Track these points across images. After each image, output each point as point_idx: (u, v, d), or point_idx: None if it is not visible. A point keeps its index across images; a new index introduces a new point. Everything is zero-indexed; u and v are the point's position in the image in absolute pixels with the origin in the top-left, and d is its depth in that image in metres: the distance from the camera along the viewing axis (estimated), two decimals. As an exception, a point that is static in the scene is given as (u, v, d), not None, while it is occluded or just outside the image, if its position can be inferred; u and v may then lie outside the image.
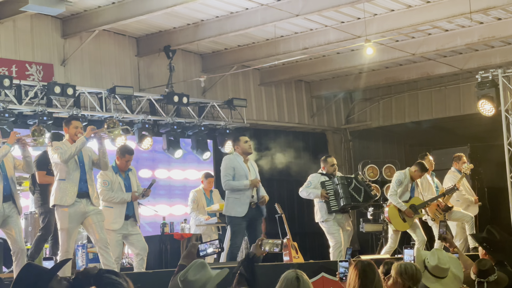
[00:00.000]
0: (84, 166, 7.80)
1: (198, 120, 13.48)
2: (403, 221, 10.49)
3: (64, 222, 7.61)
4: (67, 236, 7.60)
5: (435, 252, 5.38)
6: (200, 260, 4.36)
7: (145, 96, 12.91)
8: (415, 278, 4.92)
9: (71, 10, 11.94)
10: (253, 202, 9.08)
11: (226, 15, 12.33)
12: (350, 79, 15.97)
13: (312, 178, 10.12)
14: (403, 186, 10.56)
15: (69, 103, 11.71)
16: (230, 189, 9.11)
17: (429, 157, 11.22)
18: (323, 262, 9.32)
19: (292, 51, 13.48)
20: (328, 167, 10.07)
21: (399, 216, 10.48)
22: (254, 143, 13.74)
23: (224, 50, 14.30)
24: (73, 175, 7.69)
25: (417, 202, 10.55)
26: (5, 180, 7.47)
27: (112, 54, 13.26)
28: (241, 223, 9.06)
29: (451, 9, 11.60)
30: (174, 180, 13.80)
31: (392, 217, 10.49)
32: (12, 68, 11.83)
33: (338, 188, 9.84)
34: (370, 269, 4.68)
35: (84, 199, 7.73)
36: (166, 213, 13.03)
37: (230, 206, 9.08)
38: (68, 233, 7.60)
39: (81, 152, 7.77)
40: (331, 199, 9.86)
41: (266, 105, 15.78)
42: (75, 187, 7.67)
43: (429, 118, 16.44)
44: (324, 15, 12.24)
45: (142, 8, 11.46)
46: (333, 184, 9.89)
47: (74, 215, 7.64)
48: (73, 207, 7.63)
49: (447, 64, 14.62)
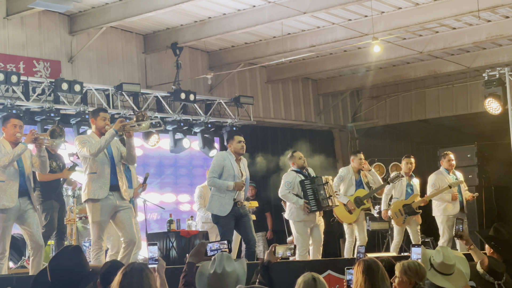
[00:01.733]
0: (113, 159, 7.69)
1: (205, 117, 13.49)
2: (349, 213, 10.73)
3: (96, 215, 7.54)
4: (99, 229, 7.55)
5: (440, 249, 5.40)
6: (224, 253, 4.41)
7: (152, 93, 12.93)
8: (419, 274, 4.94)
9: (78, 7, 11.97)
10: (239, 201, 9.06)
11: (233, 12, 12.34)
12: (357, 77, 15.95)
13: (288, 178, 10.07)
14: (347, 181, 10.81)
15: (76, 99, 11.73)
16: (214, 187, 9.11)
17: (411, 159, 11.32)
18: (329, 260, 9.34)
19: (299, 49, 13.48)
20: (297, 161, 10.11)
21: (344, 209, 10.72)
22: (261, 141, 13.80)
23: (231, 48, 14.30)
24: (103, 168, 7.60)
25: (361, 194, 10.78)
26: (22, 176, 7.45)
27: (119, 51, 13.28)
28: (229, 222, 9.02)
29: (459, 7, 11.57)
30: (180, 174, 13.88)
31: (337, 211, 10.69)
32: (20, 65, 11.86)
33: (318, 189, 9.92)
34: (375, 266, 4.73)
35: (115, 192, 7.65)
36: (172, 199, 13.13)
37: (214, 204, 9.04)
38: (100, 226, 7.55)
39: (109, 145, 7.65)
40: (310, 199, 9.92)
41: (273, 103, 15.78)
42: (107, 181, 7.57)
43: (436, 116, 16.42)
44: (332, 13, 12.23)
45: (149, 5, 11.48)
46: (311, 184, 9.96)
47: (105, 208, 7.56)
48: (105, 200, 7.56)
49: (454, 62, 14.59)
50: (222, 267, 4.23)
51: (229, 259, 4.33)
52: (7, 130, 7.48)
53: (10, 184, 7.35)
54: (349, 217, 10.77)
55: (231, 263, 4.28)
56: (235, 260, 4.51)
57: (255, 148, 14.18)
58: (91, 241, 7.70)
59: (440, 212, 11.24)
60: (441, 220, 11.22)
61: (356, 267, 4.80)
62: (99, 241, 7.57)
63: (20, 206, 7.40)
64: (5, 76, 10.57)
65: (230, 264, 4.28)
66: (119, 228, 7.66)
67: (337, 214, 10.77)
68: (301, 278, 4.40)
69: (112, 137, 7.56)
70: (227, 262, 4.28)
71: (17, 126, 7.48)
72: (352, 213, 10.73)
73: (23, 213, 7.43)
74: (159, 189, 13.45)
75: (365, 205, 10.85)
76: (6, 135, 7.49)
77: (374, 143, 17.42)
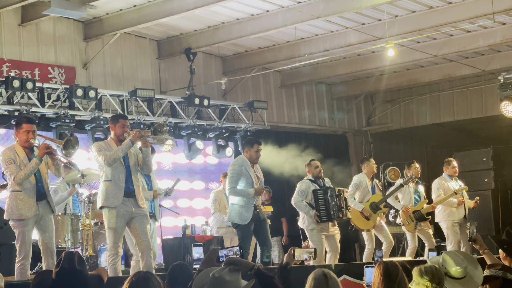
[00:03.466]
0: (129, 167, 7.73)
1: (219, 122, 13.50)
2: (367, 220, 10.73)
3: (112, 221, 7.59)
4: (115, 235, 7.59)
5: (446, 255, 5.35)
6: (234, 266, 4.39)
7: (166, 99, 12.96)
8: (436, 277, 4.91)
9: (93, 14, 12.02)
10: (258, 205, 9.06)
11: (246, 17, 12.35)
12: (371, 81, 15.92)
13: (302, 186, 10.14)
14: (362, 188, 10.82)
15: (91, 105, 11.77)
16: (235, 196, 9.07)
17: (416, 164, 11.34)
18: (344, 264, 9.32)
19: (313, 53, 13.47)
20: (313, 170, 10.19)
21: (361, 216, 10.72)
22: (275, 145, 13.78)
23: (244, 52, 14.32)
24: (119, 176, 7.64)
25: (377, 199, 10.80)
26: (39, 182, 7.50)
27: (133, 57, 13.33)
28: (249, 227, 9.04)
29: (474, 10, 11.52)
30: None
31: (354, 219, 10.71)
32: (35, 71, 11.93)
33: (330, 200, 9.93)
34: (394, 270, 4.73)
35: (130, 198, 7.69)
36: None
37: (235, 214, 9.03)
38: (116, 232, 7.59)
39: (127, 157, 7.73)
40: (321, 209, 9.94)
41: (287, 107, 15.77)
42: (122, 188, 7.62)
43: (451, 120, 16.34)
44: (345, 17, 12.22)
45: (163, 11, 11.52)
46: (324, 194, 9.98)
47: (121, 215, 7.61)
48: (120, 206, 7.61)
49: (469, 66, 14.52)
50: (220, 274, 4.19)
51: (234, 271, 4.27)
52: (20, 136, 7.50)
53: (28, 194, 7.40)
54: (366, 224, 10.78)
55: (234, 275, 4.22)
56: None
57: (268, 153, 14.15)
58: (107, 247, 7.72)
59: (444, 218, 11.24)
60: (446, 226, 11.22)
61: (376, 268, 4.83)
62: (115, 247, 7.59)
63: (39, 211, 7.45)
64: (20, 82, 10.63)
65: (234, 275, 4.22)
66: (134, 235, 7.69)
67: (354, 222, 10.79)
68: (311, 275, 4.39)
69: (128, 148, 7.62)
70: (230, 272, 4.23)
71: (29, 132, 7.49)
72: (370, 219, 10.73)
73: (41, 219, 7.48)
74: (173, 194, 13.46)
75: (381, 210, 10.87)
76: (20, 141, 7.52)
77: (389, 147, 17.37)
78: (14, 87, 10.58)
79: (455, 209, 11.18)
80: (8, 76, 10.73)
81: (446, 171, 11.46)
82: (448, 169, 11.43)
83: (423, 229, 11.21)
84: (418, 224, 11.09)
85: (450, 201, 11.15)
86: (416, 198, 11.30)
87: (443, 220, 11.27)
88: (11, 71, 11.54)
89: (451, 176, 11.37)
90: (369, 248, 10.78)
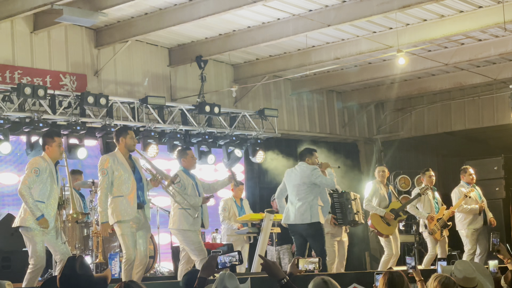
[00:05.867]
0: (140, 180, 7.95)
1: (230, 130, 13.50)
2: (387, 225, 10.69)
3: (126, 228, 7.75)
4: (128, 240, 7.72)
5: (457, 264, 5.36)
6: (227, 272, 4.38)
7: (177, 106, 12.98)
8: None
9: (104, 21, 12.08)
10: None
11: (258, 25, 12.37)
12: (382, 89, 15.90)
13: None
14: (378, 194, 10.78)
15: (102, 113, 11.81)
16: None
17: (430, 172, 11.38)
18: (354, 273, 9.29)
19: (324, 61, 13.47)
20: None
21: (382, 221, 10.68)
22: (286, 153, 13.77)
23: (255, 60, 14.34)
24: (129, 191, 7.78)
25: (396, 206, 10.80)
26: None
27: (144, 64, 13.37)
28: None
29: (485, 19, 11.50)
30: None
31: (376, 224, 10.67)
32: (47, 79, 11.98)
33: (346, 203, 9.91)
34: (399, 280, 4.71)
35: (140, 209, 7.87)
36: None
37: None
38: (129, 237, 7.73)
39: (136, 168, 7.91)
40: (337, 213, 9.91)
41: (298, 115, 15.77)
42: (134, 202, 7.78)
43: (462, 128, 16.30)
44: (356, 25, 12.21)
45: (174, 19, 11.55)
46: (339, 198, 9.97)
47: (134, 221, 7.80)
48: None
49: (480, 74, 14.48)
50: (223, 285, 4.19)
51: (231, 278, 4.26)
52: (53, 150, 7.67)
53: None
54: (388, 229, 10.73)
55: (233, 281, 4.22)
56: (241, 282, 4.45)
57: (279, 161, 14.14)
58: (124, 252, 7.80)
59: (464, 226, 11.19)
60: (466, 234, 11.17)
61: (381, 277, 4.82)
62: (130, 251, 7.66)
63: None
64: (32, 89, 10.67)
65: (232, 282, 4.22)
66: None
67: (375, 226, 10.70)
68: (311, 282, 4.37)
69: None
70: (228, 281, 4.23)
71: (61, 145, 7.78)
72: (391, 225, 10.70)
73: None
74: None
75: (401, 217, 10.86)
76: (51, 154, 7.66)
77: (400, 155, 17.33)
78: (25, 94, 10.63)
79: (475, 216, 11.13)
80: (19, 83, 10.78)
81: (463, 179, 11.43)
82: (465, 177, 11.40)
83: (444, 236, 11.18)
84: (442, 231, 11.08)
85: (473, 208, 11.13)
86: (435, 205, 11.28)
87: (463, 228, 11.23)
88: (23, 78, 11.60)
89: (468, 184, 11.34)
90: (389, 254, 10.70)
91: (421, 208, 11.18)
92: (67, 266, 3.96)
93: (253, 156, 13.76)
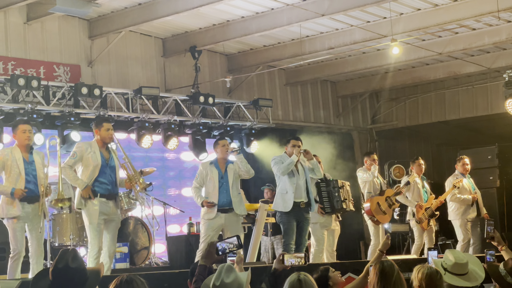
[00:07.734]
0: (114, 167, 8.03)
1: (224, 120, 13.50)
2: (384, 214, 10.82)
3: (93, 217, 7.84)
4: (95, 230, 7.80)
5: (448, 252, 5.38)
6: (226, 263, 4.40)
7: (171, 97, 12.96)
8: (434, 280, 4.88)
9: (98, 12, 12.04)
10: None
11: (251, 15, 12.35)
12: (376, 79, 15.90)
13: None
14: (372, 182, 10.92)
15: (96, 104, 11.79)
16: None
17: (420, 160, 11.41)
18: (349, 262, 9.31)
19: (318, 51, 13.46)
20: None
21: (379, 209, 10.79)
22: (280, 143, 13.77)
23: (249, 51, 14.32)
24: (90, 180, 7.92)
25: (390, 194, 10.94)
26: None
27: (138, 55, 13.34)
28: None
29: (479, 8, 11.50)
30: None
31: (375, 211, 10.77)
32: (40, 70, 11.94)
33: (333, 191, 9.94)
34: (390, 269, 4.72)
35: (111, 200, 7.97)
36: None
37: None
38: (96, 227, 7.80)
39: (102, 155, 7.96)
40: (324, 202, 9.93)
41: (292, 105, 15.77)
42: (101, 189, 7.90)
43: (456, 117, 16.32)
44: (350, 15, 12.20)
45: (168, 9, 11.52)
46: (327, 186, 9.99)
47: (103, 209, 7.86)
48: (102, 204, 7.86)
49: (474, 63, 14.49)
50: (220, 280, 4.21)
51: (229, 270, 4.27)
52: (18, 137, 7.74)
53: None
54: (384, 218, 10.86)
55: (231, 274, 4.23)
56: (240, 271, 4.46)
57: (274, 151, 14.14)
58: (89, 242, 7.93)
59: (458, 216, 11.21)
60: (459, 224, 11.20)
61: (373, 267, 4.82)
62: (95, 241, 7.77)
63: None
64: (25, 80, 10.65)
65: (230, 275, 4.23)
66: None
67: (374, 212, 10.76)
68: (288, 279, 4.38)
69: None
70: (226, 274, 4.24)
71: (26, 131, 7.73)
72: (386, 213, 10.82)
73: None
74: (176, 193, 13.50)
75: (395, 205, 10.97)
76: (18, 142, 7.74)
77: (394, 145, 17.35)
78: (19, 85, 10.61)
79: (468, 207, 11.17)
80: (13, 74, 10.76)
81: (457, 168, 11.45)
82: (459, 166, 11.43)
83: (431, 226, 11.21)
84: (429, 221, 11.11)
85: (466, 199, 11.15)
86: (424, 195, 11.30)
87: (456, 218, 11.25)
88: (16, 69, 11.56)
89: (463, 174, 11.36)
90: (374, 244, 10.76)
91: (409, 196, 11.22)
92: (60, 259, 3.96)
93: (247, 147, 13.76)
